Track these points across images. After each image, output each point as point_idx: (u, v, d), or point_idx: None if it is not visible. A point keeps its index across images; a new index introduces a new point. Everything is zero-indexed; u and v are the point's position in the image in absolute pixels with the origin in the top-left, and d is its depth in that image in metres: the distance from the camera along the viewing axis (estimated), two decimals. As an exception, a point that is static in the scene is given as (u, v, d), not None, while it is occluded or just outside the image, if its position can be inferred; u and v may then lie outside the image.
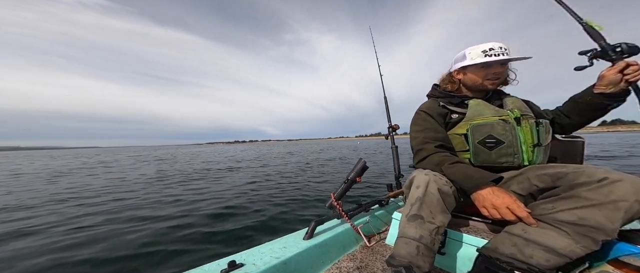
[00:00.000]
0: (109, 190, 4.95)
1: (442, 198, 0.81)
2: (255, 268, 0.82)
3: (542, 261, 0.67)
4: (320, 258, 1.04)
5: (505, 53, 1.01)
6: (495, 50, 1.01)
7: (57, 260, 1.96)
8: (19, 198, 4.41)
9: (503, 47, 1.01)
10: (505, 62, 1.04)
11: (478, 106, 1.04)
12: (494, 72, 1.04)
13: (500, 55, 1.00)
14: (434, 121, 1.08)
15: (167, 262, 1.90)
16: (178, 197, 4.11)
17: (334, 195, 1.24)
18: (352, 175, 1.25)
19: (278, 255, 0.91)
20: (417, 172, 0.91)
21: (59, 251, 2.12)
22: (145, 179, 6.46)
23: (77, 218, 3.03)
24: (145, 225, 2.68)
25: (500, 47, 1.01)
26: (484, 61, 1.02)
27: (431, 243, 0.76)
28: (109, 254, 2.02)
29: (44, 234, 2.53)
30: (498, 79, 1.06)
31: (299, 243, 1.02)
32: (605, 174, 0.67)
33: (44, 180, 6.94)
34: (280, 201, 3.63)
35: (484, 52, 1.03)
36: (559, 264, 0.67)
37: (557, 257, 0.66)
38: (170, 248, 2.09)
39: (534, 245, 0.69)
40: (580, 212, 0.66)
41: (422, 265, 0.73)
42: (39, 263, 1.91)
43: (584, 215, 0.66)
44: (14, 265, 1.91)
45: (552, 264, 0.67)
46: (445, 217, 0.81)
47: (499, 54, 1.01)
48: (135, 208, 3.45)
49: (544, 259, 0.67)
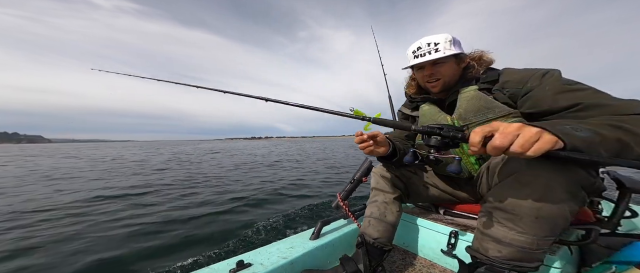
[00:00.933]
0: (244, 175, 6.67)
1: (384, 180, 1.03)
2: (262, 268, 0.83)
3: (495, 252, 0.65)
4: (327, 259, 1.04)
5: (435, 50, 0.88)
6: (422, 49, 0.91)
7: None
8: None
9: (433, 43, 0.88)
10: (437, 62, 0.91)
11: (424, 115, 1.03)
12: (426, 73, 0.96)
13: (426, 54, 0.90)
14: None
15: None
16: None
17: (340, 195, 1.24)
18: (358, 175, 1.24)
19: (285, 255, 0.92)
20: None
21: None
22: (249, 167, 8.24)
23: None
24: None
25: (428, 44, 0.89)
26: (410, 64, 0.99)
27: (381, 215, 0.96)
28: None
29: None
30: (438, 81, 0.95)
31: (305, 244, 1.03)
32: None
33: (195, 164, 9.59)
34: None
35: (413, 53, 0.95)
36: (513, 255, 0.63)
37: (507, 247, 0.63)
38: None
39: (487, 237, 0.68)
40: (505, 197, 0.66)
41: (371, 233, 0.94)
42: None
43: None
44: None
45: (506, 255, 0.64)
46: (392, 192, 1.00)
47: (424, 53, 0.90)
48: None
49: (496, 251, 0.65)
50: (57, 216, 3.20)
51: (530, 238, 0.61)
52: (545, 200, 0.58)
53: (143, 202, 3.90)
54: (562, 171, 0.57)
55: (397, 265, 1.08)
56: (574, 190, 0.59)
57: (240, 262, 0.84)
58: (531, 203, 0.59)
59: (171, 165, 9.49)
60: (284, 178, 5.89)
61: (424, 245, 1.14)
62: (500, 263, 0.64)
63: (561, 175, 0.57)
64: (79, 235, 2.56)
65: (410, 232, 1.20)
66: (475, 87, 0.90)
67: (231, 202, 3.80)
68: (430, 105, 1.03)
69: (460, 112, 0.90)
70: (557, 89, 0.71)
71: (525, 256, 0.62)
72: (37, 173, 7.58)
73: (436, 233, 1.09)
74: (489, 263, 0.66)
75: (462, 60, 0.95)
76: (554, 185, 0.57)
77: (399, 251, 1.20)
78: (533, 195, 0.59)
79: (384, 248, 0.93)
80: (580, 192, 0.60)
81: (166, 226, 2.82)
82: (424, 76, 0.98)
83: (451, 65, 0.94)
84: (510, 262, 0.63)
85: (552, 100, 0.71)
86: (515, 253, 0.63)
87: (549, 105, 0.71)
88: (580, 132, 0.51)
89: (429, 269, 1.05)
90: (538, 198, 0.59)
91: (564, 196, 0.58)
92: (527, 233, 0.61)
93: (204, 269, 0.83)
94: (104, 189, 4.85)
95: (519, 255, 0.62)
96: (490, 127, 0.52)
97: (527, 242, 0.61)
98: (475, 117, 0.87)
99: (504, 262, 0.64)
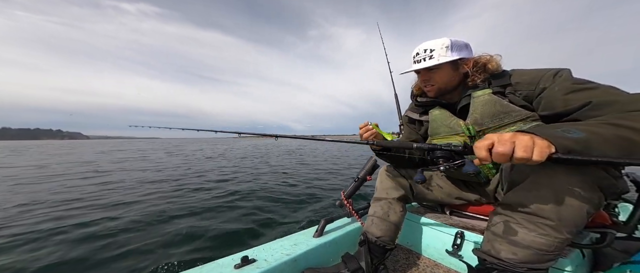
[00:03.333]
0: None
1: (389, 180, 1.04)
2: (266, 264, 0.84)
3: (509, 254, 0.64)
4: (329, 256, 1.05)
5: (429, 57, 0.89)
6: (420, 54, 0.92)
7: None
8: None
9: (429, 50, 0.89)
10: (431, 68, 0.91)
11: (435, 121, 1.02)
12: (422, 79, 0.98)
13: (422, 60, 0.91)
14: (407, 130, 1.21)
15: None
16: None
17: (344, 193, 1.24)
18: (362, 173, 1.24)
19: (289, 252, 0.94)
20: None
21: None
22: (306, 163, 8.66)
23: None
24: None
25: (424, 50, 0.91)
26: (408, 70, 0.97)
27: (384, 215, 0.97)
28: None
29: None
30: (433, 86, 0.95)
31: (309, 241, 1.04)
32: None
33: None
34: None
35: (413, 58, 0.95)
36: (529, 258, 0.61)
37: (525, 250, 0.62)
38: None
39: (501, 239, 0.66)
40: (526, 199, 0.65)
41: (374, 231, 0.95)
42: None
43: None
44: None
45: (521, 257, 0.62)
46: (396, 192, 1.01)
47: (420, 59, 0.92)
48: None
49: (510, 253, 0.64)
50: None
51: (551, 240, 0.59)
52: (565, 202, 0.57)
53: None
54: (577, 171, 0.56)
55: (400, 264, 1.08)
56: (591, 190, 0.58)
57: (245, 257, 0.86)
58: (552, 205, 0.58)
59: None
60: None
61: (429, 244, 1.13)
62: (513, 266, 0.63)
63: (577, 175, 0.57)
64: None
65: (415, 231, 1.19)
66: (489, 91, 0.87)
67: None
68: (441, 110, 1.01)
69: (476, 117, 0.88)
70: (567, 88, 0.69)
71: (540, 258, 0.61)
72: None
73: (441, 233, 1.08)
74: (502, 266, 0.64)
75: (460, 65, 0.92)
76: (572, 185, 0.57)
77: (403, 250, 1.20)
78: (553, 197, 0.58)
79: (387, 247, 0.93)
80: (596, 192, 0.58)
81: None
82: (421, 81, 1.00)
83: (446, 72, 0.92)
84: (525, 265, 0.62)
85: (563, 101, 0.69)
86: (532, 256, 0.61)
87: (562, 106, 0.70)
88: (572, 134, 0.51)
89: (433, 269, 1.04)
90: (558, 200, 0.58)
91: (582, 196, 0.57)
92: (549, 235, 0.59)
93: (210, 264, 0.85)
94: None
95: (536, 257, 0.61)
96: (487, 139, 0.54)
97: (547, 244, 0.60)
98: (492, 122, 0.84)
99: (518, 264, 0.62)
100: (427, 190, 1.09)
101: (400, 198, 1.01)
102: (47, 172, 6.81)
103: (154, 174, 6.29)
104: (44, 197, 3.86)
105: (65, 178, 5.81)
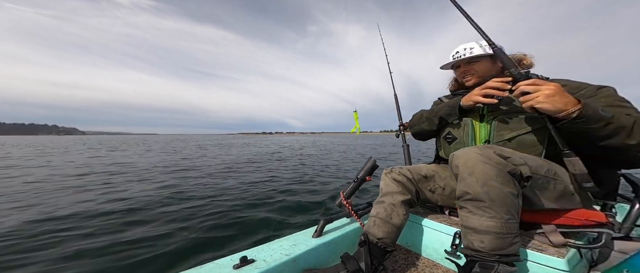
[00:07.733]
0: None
1: (395, 183, 1.07)
2: (265, 264, 0.84)
3: (479, 243, 0.69)
4: (328, 256, 1.05)
5: (470, 52, 1.05)
6: (459, 52, 1.09)
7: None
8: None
9: (469, 48, 1.06)
10: (471, 60, 1.07)
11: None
12: (461, 71, 1.12)
13: (462, 56, 1.07)
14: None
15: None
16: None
17: (343, 193, 1.24)
18: (361, 173, 1.24)
19: (288, 252, 0.94)
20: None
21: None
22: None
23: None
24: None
25: (464, 49, 1.07)
26: (447, 63, 1.14)
27: (387, 217, 0.97)
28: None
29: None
30: (473, 75, 1.09)
31: (308, 241, 1.04)
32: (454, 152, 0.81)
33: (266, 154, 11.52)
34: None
35: (453, 55, 1.12)
36: (493, 244, 0.67)
37: (486, 236, 0.68)
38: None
39: (468, 230, 0.73)
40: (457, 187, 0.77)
41: (376, 233, 0.94)
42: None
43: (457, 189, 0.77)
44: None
45: (487, 245, 0.68)
46: (401, 195, 1.03)
47: (461, 55, 1.07)
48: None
49: (479, 241, 0.70)
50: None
51: (498, 222, 0.67)
52: (488, 184, 0.69)
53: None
54: (494, 166, 0.70)
55: (399, 264, 1.08)
56: (503, 176, 0.70)
57: (244, 257, 0.86)
58: (482, 187, 0.69)
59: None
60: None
61: (428, 245, 1.14)
62: (487, 255, 0.68)
63: (493, 167, 0.70)
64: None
65: (414, 232, 1.19)
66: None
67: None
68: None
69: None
70: (611, 102, 0.75)
71: (502, 243, 0.67)
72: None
73: (440, 234, 1.08)
74: (480, 258, 0.69)
75: (497, 59, 1.01)
76: (487, 171, 0.70)
77: (402, 250, 1.20)
78: (480, 181, 0.70)
79: (387, 249, 0.93)
80: (510, 178, 0.70)
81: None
82: (460, 73, 1.13)
83: (485, 63, 1.05)
84: (494, 253, 0.67)
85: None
86: (495, 241, 0.67)
87: None
88: (605, 113, 0.67)
89: (431, 269, 1.04)
90: (483, 183, 0.69)
91: (497, 181, 0.69)
92: (494, 217, 0.68)
93: (209, 264, 0.85)
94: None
95: (498, 242, 0.67)
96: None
97: (497, 226, 0.67)
98: (505, 105, 0.96)
99: (490, 253, 0.67)
100: (430, 192, 1.12)
101: (405, 202, 1.02)
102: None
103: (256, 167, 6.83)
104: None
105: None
